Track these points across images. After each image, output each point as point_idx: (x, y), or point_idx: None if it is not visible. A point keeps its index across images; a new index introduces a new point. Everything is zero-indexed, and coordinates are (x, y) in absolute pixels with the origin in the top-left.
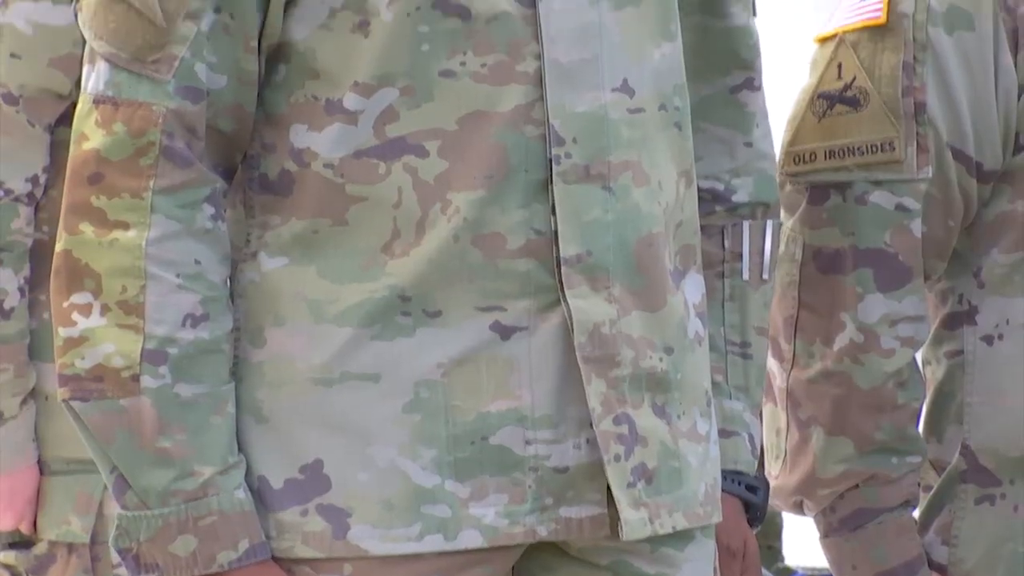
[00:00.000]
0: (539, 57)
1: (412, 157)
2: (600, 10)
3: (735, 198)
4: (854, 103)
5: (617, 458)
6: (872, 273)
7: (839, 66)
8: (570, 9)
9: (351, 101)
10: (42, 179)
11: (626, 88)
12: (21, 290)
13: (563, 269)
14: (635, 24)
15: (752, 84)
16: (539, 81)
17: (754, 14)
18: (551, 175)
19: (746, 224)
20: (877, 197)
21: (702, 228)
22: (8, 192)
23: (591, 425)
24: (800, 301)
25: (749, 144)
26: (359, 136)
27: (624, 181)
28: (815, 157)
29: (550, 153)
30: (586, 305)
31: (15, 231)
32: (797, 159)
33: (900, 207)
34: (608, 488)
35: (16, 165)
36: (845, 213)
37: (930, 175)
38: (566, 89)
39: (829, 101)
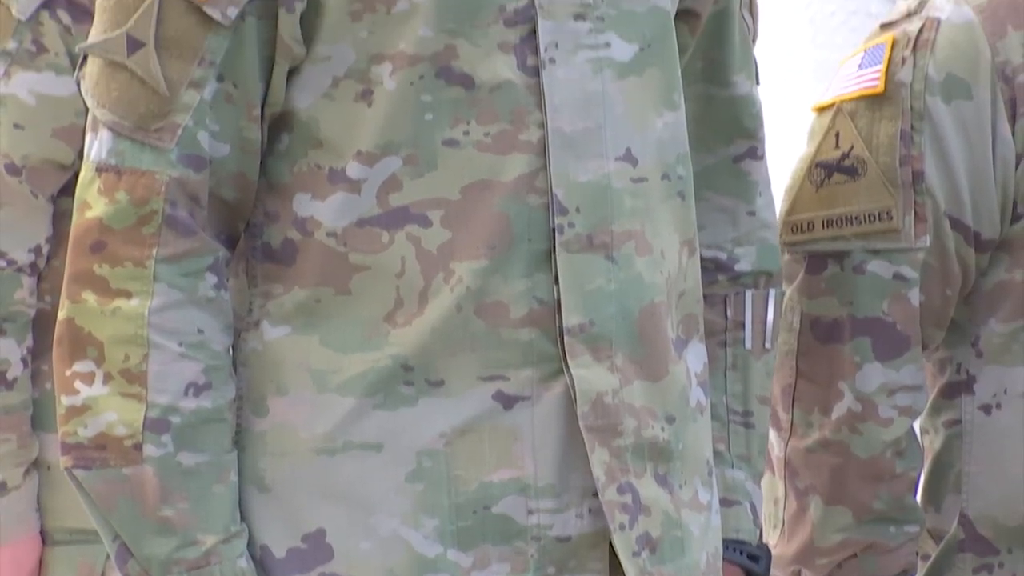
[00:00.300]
0: (542, 126)
1: (415, 226)
2: (603, 79)
3: (738, 267)
4: (852, 172)
5: (622, 527)
6: (870, 342)
7: (837, 135)
8: (573, 78)
9: (354, 170)
10: (45, 249)
11: (629, 157)
12: (24, 360)
13: (566, 339)
14: (638, 93)
15: (755, 153)
16: (542, 150)
17: (757, 83)
18: (554, 244)
19: (749, 293)
20: (875, 266)
21: (704, 297)
22: (11, 262)
23: (594, 494)
24: (798, 370)
25: (752, 213)
26: (362, 205)
27: (627, 250)
28: (813, 226)
29: (553, 223)
30: (589, 375)
31: (18, 301)
32: (795, 228)
33: (898, 276)
34: (610, 557)
35: (19, 235)
36: (843, 282)
37: (928, 244)
38: (569, 158)
39: (827, 170)
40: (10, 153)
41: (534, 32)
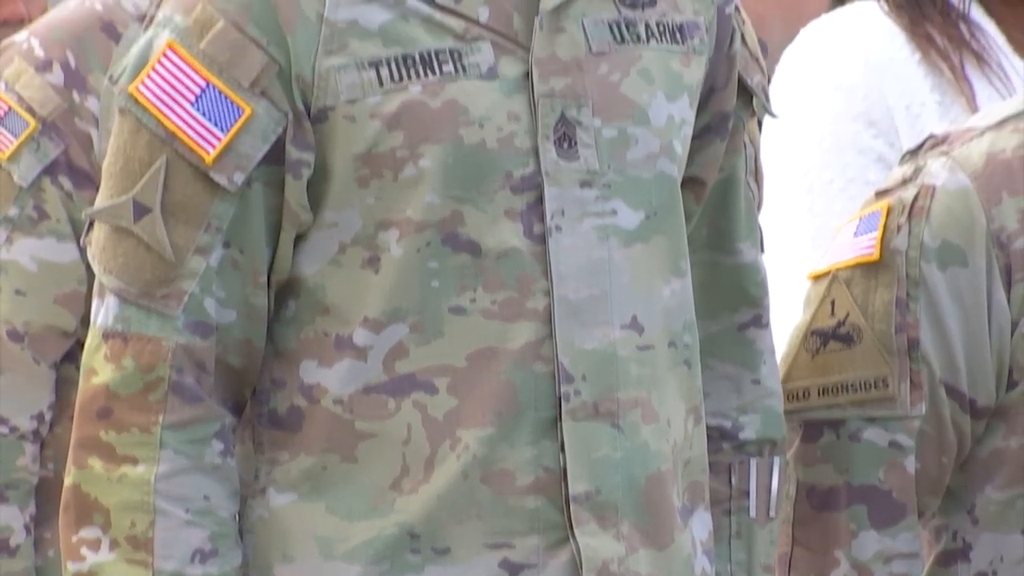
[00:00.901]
0: (548, 294)
1: (422, 394)
2: (610, 247)
3: (742, 435)
4: (847, 340)
5: None
6: (866, 510)
7: (832, 303)
8: (579, 246)
9: (361, 337)
10: (47, 416)
11: (635, 325)
12: (27, 527)
13: (572, 507)
14: (645, 261)
15: (760, 321)
16: (548, 318)
17: (762, 251)
18: (560, 412)
19: (753, 461)
20: (871, 434)
21: (708, 465)
22: (13, 429)
23: None
24: (794, 538)
25: (756, 381)
26: (369, 372)
27: (633, 419)
28: (808, 395)
29: (559, 390)
30: (595, 543)
31: (20, 468)
32: (791, 396)
33: (894, 444)
34: None
35: (21, 402)
36: (839, 450)
37: (924, 412)
38: (575, 326)
39: (822, 338)
40: (12, 320)
41: (540, 199)
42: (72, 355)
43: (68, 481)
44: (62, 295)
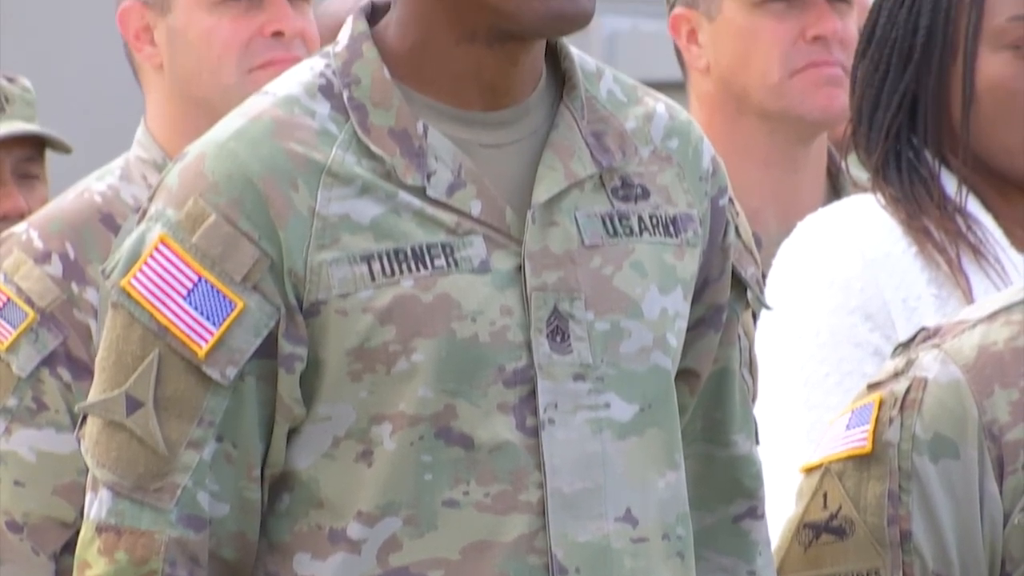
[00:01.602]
0: (542, 486)
1: None
2: (603, 440)
3: None
4: (840, 533)
5: None
6: None
7: (825, 495)
8: (572, 439)
9: (355, 530)
10: None
11: (629, 518)
12: None
13: None
14: (639, 453)
15: (755, 513)
16: (542, 510)
17: (757, 442)
18: None
19: None
20: None
21: None
22: None
23: None
24: None
25: (752, 573)
26: (363, 566)
27: None
28: None
29: None
30: None
31: None
32: None
33: None
34: None
35: None
36: None
37: None
38: (569, 519)
39: (815, 531)
40: (11, 510)
41: (534, 392)
42: (72, 545)
43: None
44: (61, 486)
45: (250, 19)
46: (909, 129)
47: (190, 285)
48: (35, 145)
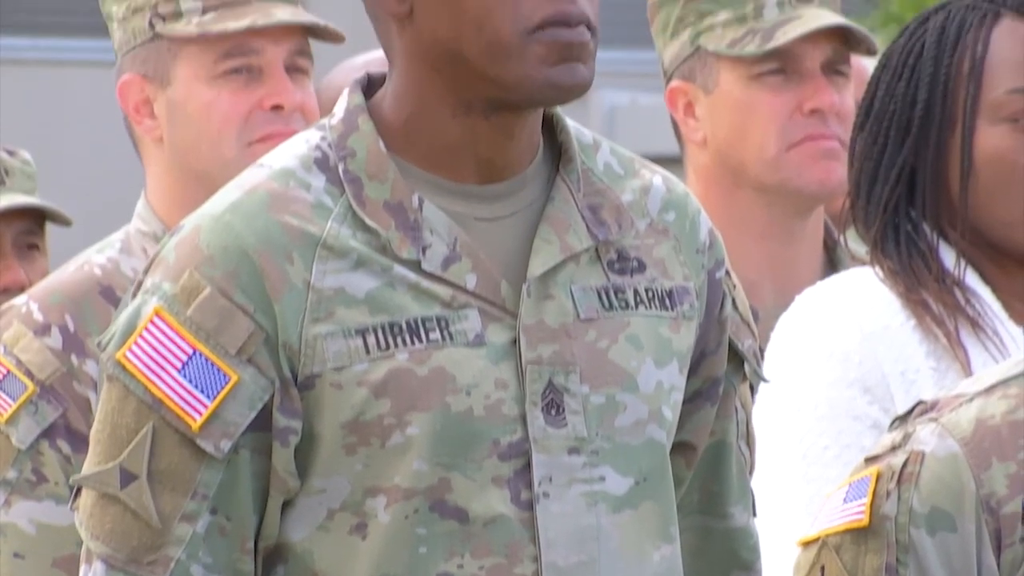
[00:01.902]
0: (536, 560)
1: None
2: (598, 513)
3: None
4: None
5: None
6: None
7: (822, 569)
8: (567, 512)
9: None
10: None
11: None
12: None
13: None
14: (634, 527)
15: None
16: None
17: (754, 515)
18: None
19: None
20: None
21: None
22: None
23: None
24: None
25: None
26: None
27: None
28: None
29: None
30: None
31: None
32: None
33: None
34: None
35: None
36: None
37: None
38: None
39: None
40: None
41: (528, 465)
42: None
43: None
44: (61, 558)
45: (250, 92)
46: (907, 202)
47: (185, 358)
48: (35, 217)
